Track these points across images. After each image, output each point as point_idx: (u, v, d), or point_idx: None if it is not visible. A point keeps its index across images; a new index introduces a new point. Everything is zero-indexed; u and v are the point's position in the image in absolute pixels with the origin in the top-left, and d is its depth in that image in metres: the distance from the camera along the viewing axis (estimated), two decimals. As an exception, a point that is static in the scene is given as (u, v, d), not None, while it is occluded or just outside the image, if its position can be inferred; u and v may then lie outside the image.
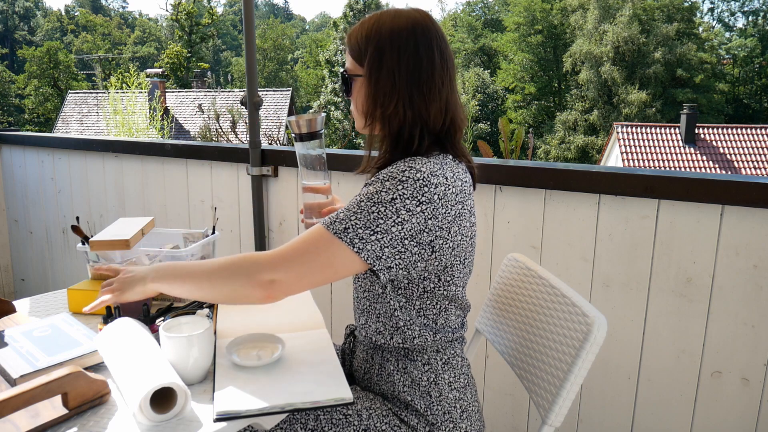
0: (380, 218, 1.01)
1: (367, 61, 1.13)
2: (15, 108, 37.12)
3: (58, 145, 3.19)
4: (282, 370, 1.08)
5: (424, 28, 1.12)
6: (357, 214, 1.02)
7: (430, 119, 1.11)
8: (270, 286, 1.00)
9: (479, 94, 31.15)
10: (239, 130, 9.15)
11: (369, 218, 1.01)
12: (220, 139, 9.01)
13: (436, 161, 1.08)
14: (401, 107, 1.11)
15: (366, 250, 1.01)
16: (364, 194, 1.04)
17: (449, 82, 1.13)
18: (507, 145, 4.05)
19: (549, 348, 1.19)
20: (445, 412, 1.12)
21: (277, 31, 44.05)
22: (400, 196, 1.02)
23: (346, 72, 1.19)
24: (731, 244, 1.55)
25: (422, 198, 1.03)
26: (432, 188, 1.03)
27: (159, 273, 1.12)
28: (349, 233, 1.01)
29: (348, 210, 1.03)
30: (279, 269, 1.00)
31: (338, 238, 1.00)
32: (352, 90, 1.19)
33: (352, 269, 1.03)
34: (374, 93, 1.13)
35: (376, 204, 1.02)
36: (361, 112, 1.18)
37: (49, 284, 3.36)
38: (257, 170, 2.37)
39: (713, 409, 1.63)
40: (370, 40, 1.13)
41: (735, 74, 32.54)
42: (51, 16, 53.99)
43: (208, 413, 0.97)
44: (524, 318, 1.31)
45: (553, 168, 1.76)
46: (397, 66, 1.10)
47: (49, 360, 1.08)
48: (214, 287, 1.06)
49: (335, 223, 1.02)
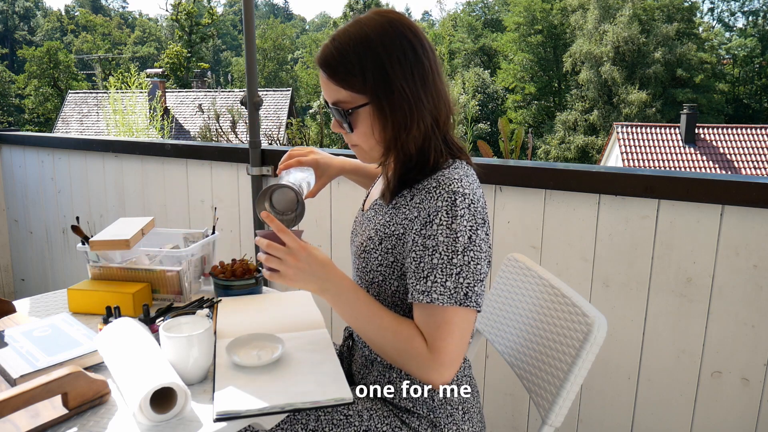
0: (478, 263, 1.00)
1: (370, 85, 1.01)
2: (15, 108, 37.12)
3: (58, 145, 3.19)
4: (282, 370, 1.08)
5: (399, 22, 1.03)
6: (461, 273, 0.98)
7: (441, 118, 1.06)
8: (432, 383, 1.01)
9: (479, 94, 31.15)
10: (239, 130, 9.14)
11: (471, 270, 0.99)
12: (220, 139, 9.01)
13: (460, 172, 1.04)
14: (423, 121, 1.03)
15: (482, 302, 1.02)
16: (443, 247, 0.98)
17: (439, 69, 1.06)
18: (507, 145, 4.05)
19: (549, 348, 1.19)
20: (448, 414, 1.12)
21: (277, 31, 44.02)
22: (469, 229, 0.99)
23: (341, 106, 1.04)
24: (731, 244, 1.55)
25: (480, 220, 1.01)
26: (480, 207, 1.02)
27: (335, 296, 1.04)
28: (470, 297, 0.99)
29: (444, 272, 0.98)
30: (438, 369, 0.99)
31: (466, 307, 0.99)
32: (357, 124, 1.05)
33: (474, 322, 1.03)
34: (393, 118, 1.02)
35: (465, 251, 0.98)
36: (379, 143, 1.07)
37: (49, 284, 3.36)
38: (257, 170, 2.37)
39: (713, 409, 1.63)
40: (364, 59, 1.00)
41: (735, 74, 32.54)
42: (51, 16, 53.99)
43: (208, 413, 0.97)
44: (524, 318, 1.31)
45: (553, 168, 1.76)
46: (404, 78, 1.01)
47: (49, 360, 1.08)
48: (380, 351, 1.06)
49: (452, 294, 0.98)
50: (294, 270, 1.01)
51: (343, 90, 1.03)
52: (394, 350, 1.03)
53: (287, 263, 1.01)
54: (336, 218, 2.24)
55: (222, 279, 1.46)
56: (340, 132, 1.11)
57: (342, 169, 1.43)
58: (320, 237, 2.28)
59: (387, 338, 1.03)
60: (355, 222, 1.26)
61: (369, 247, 1.12)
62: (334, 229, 2.25)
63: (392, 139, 1.04)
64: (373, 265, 1.11)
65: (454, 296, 0.98)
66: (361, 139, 1.07)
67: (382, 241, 1.09)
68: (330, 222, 2.25)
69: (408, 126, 1.02)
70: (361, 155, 1.13)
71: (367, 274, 1.13)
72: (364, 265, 1.14)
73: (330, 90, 1.05)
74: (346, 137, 1.11)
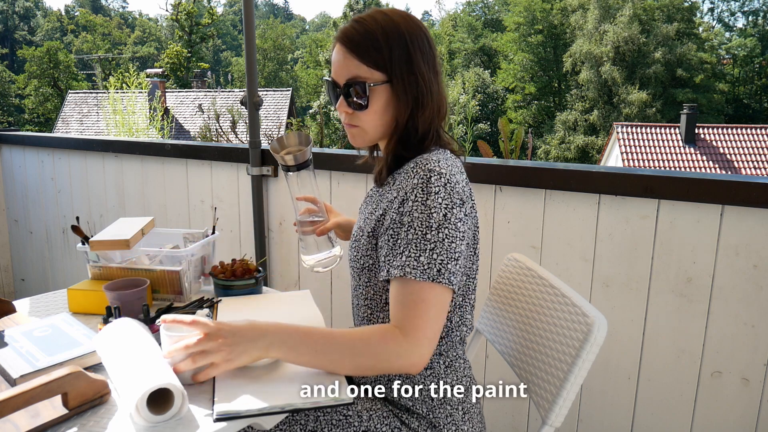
0: (452, 242, 0.99)
1: (395, 63, 1.05)
2: (15, 108, 37.14)
3: (58, 145, 3.19)
4: (282, 370, 1.08)
5: (415, 19, 1.11)
6: (434, 249, 0.98)
7: (441, 112, 1.12)
8: (413, 367, 0.98)
9: (479, 94, 31.12)
10: (239, 130, 9.14)
11: (445, 247, 0.99)
12: (220, 139, 9.01)
13: (440, 156, 1.06)
14: (431, 108, 1.08)
15: (456, 282, 1.00)
16: (417, 222, 0.99)
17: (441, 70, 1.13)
18: (507, 145, 4.05)
19: (549, 348, 1.19)
20: (448, 414, 1.12)
21: (277, 31, 44.06)
22: (444, 207, 0.99)
23: (360, 80, 1.05)
24: (731, 244, 1.55)
25: (458, 200, 1.01)
26: (459, 188, 1.03)
27: (279, 341, 0.97)
28: (443, 274, 0.98)
29: (417, 247, 0.98)
30: (415, 351, 0.97)
31: (438, 284, 0.98)
32: (372, 101, 1.07)
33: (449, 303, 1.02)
34: (408, 99, 1.06)
35: (439, 228, 0.98)
36: (386, 124, 1.10)
37: (49, 284, 3.36)
38: (257, 170, 2.37)
39: (713, 409, 1.63)
40: (390, 38, 1.05)
41: (735, 74, 32.54)
42: (51, 16, 53.99)
43: (207, 413, 0.97)
44: (524, 318, 1.31)
45: (553, 168, 1.76)
46: (424, 64, 1.06)
47: (49, 360, 1.08)
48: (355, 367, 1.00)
49: (425, 269, 0.98)
50: (227, 350, 0.94)
51: (364, 65, 1.05)
52: (370, 356, 0.98)
53: (216, 350, 0.94)
54: (336, 218, 2.23)
55: (222, 279, 1.46)
56: (346, 111, 1.10)
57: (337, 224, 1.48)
58: (320, 237, 2.28)
59: (357, 350, 0.98)
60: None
61: (358, 235, 1.15)
62: (334, 229, 2.25)
63: (405, 120, 1.07)
64: (363, 251, 1.14)
65: (427, 272, 0.98)
66: (371, 117, 1.08)
67: (367, 226, 1.13)
68: (330, 222, 2.25)
69: (420, 109, 1.06)
70: (359, 137, 1.13)
71: (358, 261, 1.15)
72: (355, 253, 1.16)
73: (349, 66, 1.06)
74: (349, 118, 1.11)
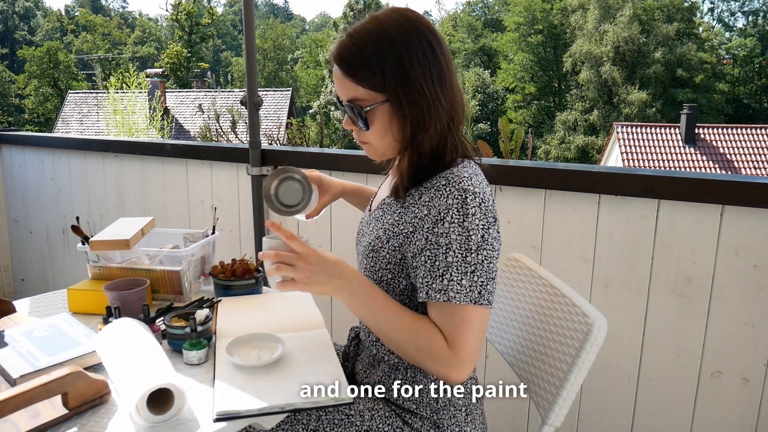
0: (491, 261, 1.00)
1: (390, 83, 1.00)
2: (15, 108, 37.13)
3: (58, 145, 3.19)
4: (282, 370, 1.08)
5: (416, 20, 1.02)
6: (475, 272, 0.99)
7: (456, 118, 1.06)
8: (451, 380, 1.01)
9: (479, 94, 31.14)
10: (239, 130, 9.13)
11: (485, 268, 0.99)
12: (220, 139, 9.00)
13: (469, 170, 1.04)
14: (439, 120, 1.03)
15: (493, 299, 1.02)
16: (457, 245, 0.98)
17: (453, 69, 1.05)
18: (507, 145, 4.05)
19: (549, 348, 1.19)
20: (451, 415, 1.12)
21: (277, 31, 44.05)
22: (482, 228, 0.99)
23: (357, 104, 1.03)
24: (731, 244, 1.55)
25: (492, 218, 1.01)
26: (490, 205, 1.02)
27: (350, 289, 1.02)
28: (484, 296, 0.99)
29: (459, 270, 0.98)
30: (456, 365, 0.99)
31: (480, 305, 0.99)
32: (373, 122, 1.04)
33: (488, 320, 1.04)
34: (411, 117, 1.02)
35: (478, 250, 0.99)
36: (395, 141, 1.06)
37: (49, 284, 3.36)
38: (257, 170, 2.37)
39: (713, 409, 1.63)
40: (383, 56, 0.99)
41: (735, 74, 32.54)
42: (51, 16, 53.98)
43: (207, 413, 0.97)
44: (524, 318, 1.31)
45: (553, 168, 1.76)
46: (422, 77, 1.00)
47: (49, 360, 1.08)
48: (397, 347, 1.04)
49: (468, 292, 0.98)
50: (307, 274, 1.00)
51: (360, 88, 1.02)
52: (413, 348, 1.02)
53: (300, 269, 1.00)
54: (336, 218, 2.24)
55: (222, 279, 1.46)
56: (352, 129, 1.09)
57: (344, 190, 1.44)
58: (320, 238, 2.28)
59: (405, 335, 1.02)
60: (362, 223, 1.25)
61: (377, 245, 1.11)
62: (334, 230, 2.25)
63: (409, 137, 1.04)
64: (382, 263, 1.11)
65: (470, 294, 0.98)
66: (376, 137, 1.07)
67: (390, 239, 1.09)
68: (330, 222, 2.25)
69: (426, 125, 1.02)
70: (371, 152, 1.12)
71: (376, 273, 1.12)
72: (372, 264, 1.13)
73: (346, 87, 1.03)
74: (357, 135, 1.10)
